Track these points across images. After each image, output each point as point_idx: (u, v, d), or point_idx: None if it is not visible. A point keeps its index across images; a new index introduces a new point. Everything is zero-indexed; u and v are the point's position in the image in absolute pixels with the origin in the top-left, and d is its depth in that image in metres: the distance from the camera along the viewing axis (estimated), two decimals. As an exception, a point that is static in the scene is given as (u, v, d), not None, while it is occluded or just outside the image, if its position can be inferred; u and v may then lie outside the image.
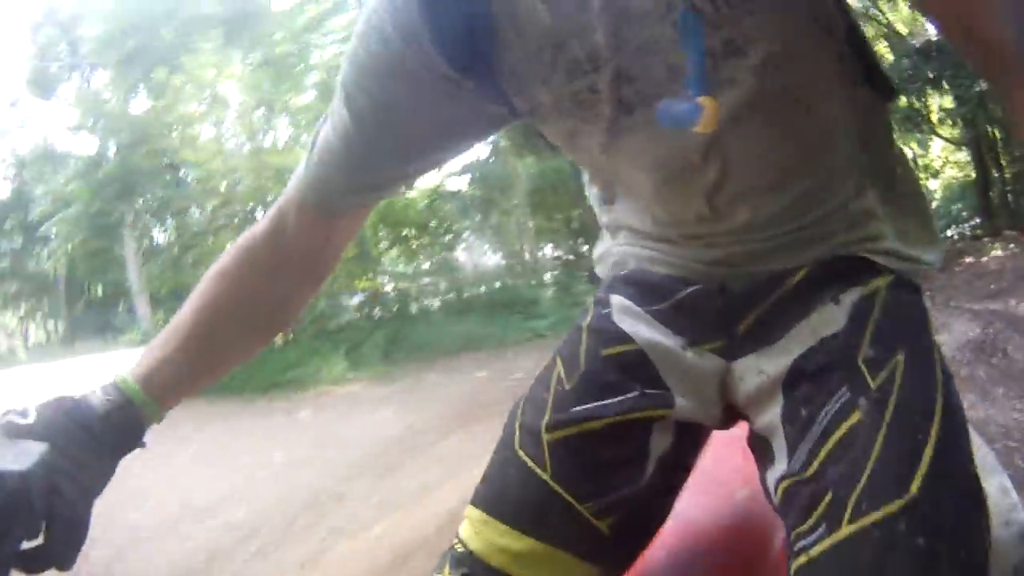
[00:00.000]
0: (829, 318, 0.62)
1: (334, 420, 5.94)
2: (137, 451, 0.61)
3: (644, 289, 0.71)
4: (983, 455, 0.74)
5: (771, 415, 0.63)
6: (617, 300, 0.72)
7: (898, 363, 0.57)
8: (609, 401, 0.65)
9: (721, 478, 0.87)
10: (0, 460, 0.47)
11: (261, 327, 0.73)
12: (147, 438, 0.63)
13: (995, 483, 0.68)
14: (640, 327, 0.69)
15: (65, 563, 0.50)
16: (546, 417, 0.66)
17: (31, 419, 0.53)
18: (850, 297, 0.62)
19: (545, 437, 0.65)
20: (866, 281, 0.63)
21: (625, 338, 0.69)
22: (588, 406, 0.65)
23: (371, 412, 5.93)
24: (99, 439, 0.56)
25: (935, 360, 0.59)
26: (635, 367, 0.67)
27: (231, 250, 0.70)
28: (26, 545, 0.47)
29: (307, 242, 0.69)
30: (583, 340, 0.71)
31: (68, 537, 0.50)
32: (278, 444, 5.21)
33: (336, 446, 4.88)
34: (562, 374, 0.69)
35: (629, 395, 0.65)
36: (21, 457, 0.48)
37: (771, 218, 0.64)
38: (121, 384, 0.61)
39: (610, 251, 0.79)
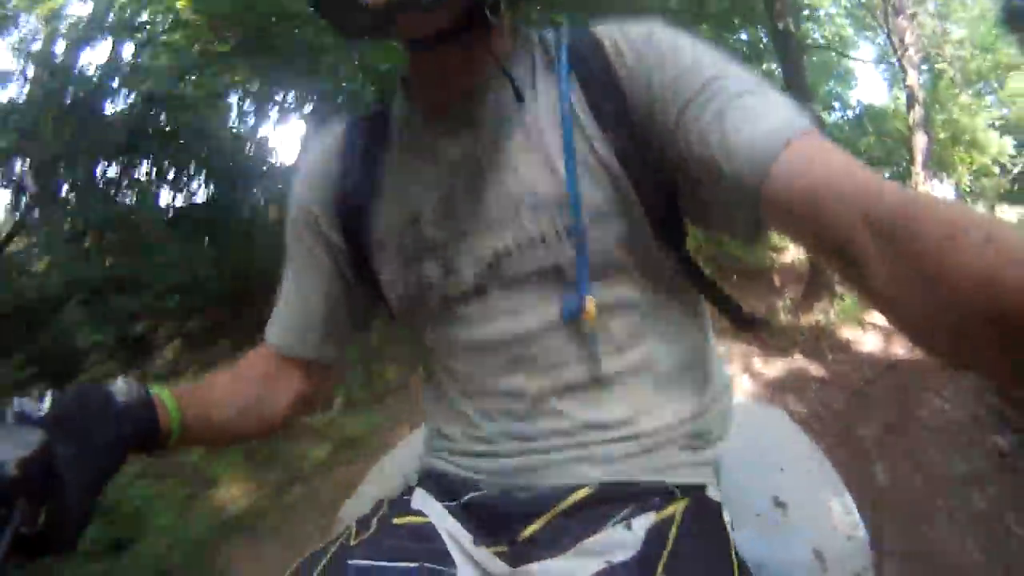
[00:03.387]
0: (621, 543, 0.62)
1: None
2: None
3: (442, 485, 0.72)
4: (829, 477, 0.85)
5: None
6: (419, 491, 0.74)
7: None
8: (389, 564, 0.63)
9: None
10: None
11: (242, 422, 0.75)
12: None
13: (839, 502, 0.79)
14: (435, 515, 0.70)
15: (64, 548, 0.49)
16: (320, 565, 0.63)
17: (46, 405, 0.53)
18: (643, 523, 0.62)
19: None
20: (660, 506, 0.63)
21: (420, 513, 0.70)
22: (364, 562, 0.63)
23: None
24: (113, 429, 0.56)
25: None
26: (425, 539, 0.67)
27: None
28: (25, 531, 0.46)
29: (258, 367, 0.76)
30: (381, 508, 0.72)
31: (67, 524, 0.49)
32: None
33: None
34: (351, 533, 0.68)
35: (411, 564, 0.63)
36: (19, 444, 0.47)
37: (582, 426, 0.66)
38: (154, 392, 0.63)
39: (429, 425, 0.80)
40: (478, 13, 0.58)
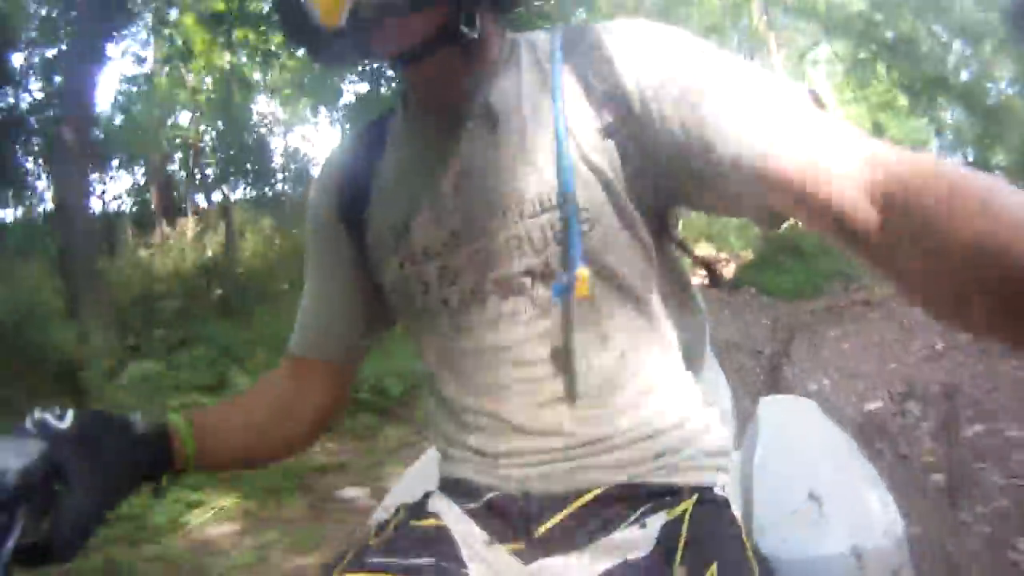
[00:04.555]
0: (635, 541, 0.63)
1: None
2: None
3: (459, 490, 0.73)
4: (867, 472, 0.83)
5: None
6: (436, 495, 0.75)
7: None
8: (402, 561, 0.65)
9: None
10: (0, 457, 0.48)
11: (263, 444, 0.77)
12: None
13: (876, 496, 0.78)
14: (451, 517, 0.71)
15: (63, 559, 0.51)
16: (342, 563, 0.66)
17: (67, 421, 0.54)
18: (657, 521, 0.64)
19: None
20: (671, 505, 0.64)
21: (436, 516, 0.71)
22: (379, 559, 0.65)
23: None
24: (128, 453, 0.57)
25: (749, 572, 0.60)
26: (438, 542, 0.68)
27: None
28: (26, 539, 0.48)
29: (280, 384, 0.78)
30: (399, 512, 0.74)
31: (69, 535, 0.51)
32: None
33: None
34: (371, 534, 0.71)
35: (423, 561, 0.66)
36: (21, 454, 0.49)
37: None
38: (169, 416, 0.65)
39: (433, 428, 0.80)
40: (452, 28, 0.59)
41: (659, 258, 0.66)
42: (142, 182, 9.66)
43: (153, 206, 8.99)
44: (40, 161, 6.83)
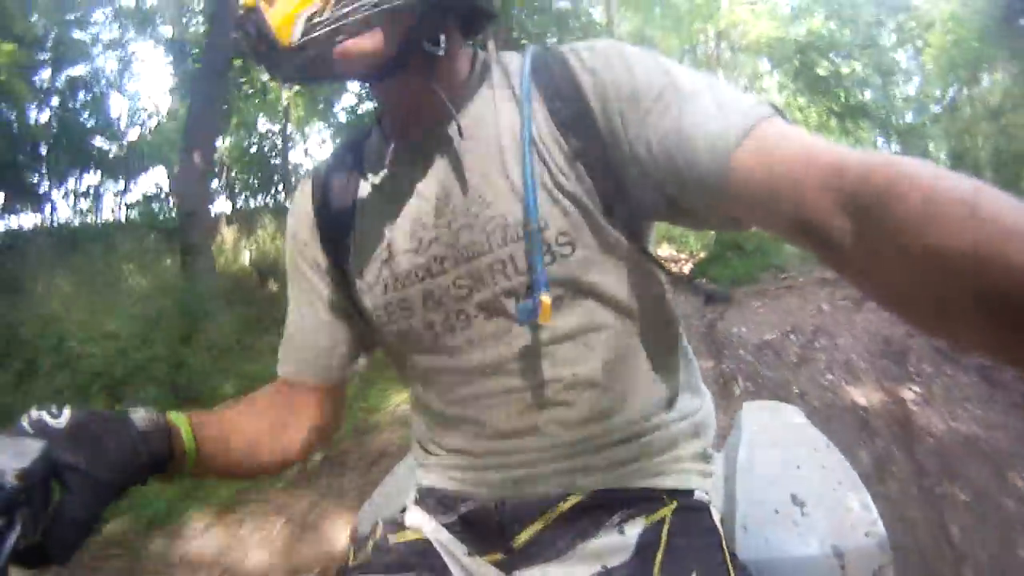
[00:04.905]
0: (614, 548, 0.64)
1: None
2: None
3: (435, 501, 0.74)
4: (848, 475, 0.85)
5: None
6: (414, 508, 0.75)
7: None
8: None
9: None
10: None
11: (256, 454, 0.74)
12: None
13: (857, 499, 0.79)
14: (430, 530, 0.72)
15: (61, 560, 0.50)
16: None
17: (63, 419, 0.53)
18: (635, 528, 0.65)
19: None
20: (650, 511, 0.65)
21: (416, 530, 0.72)
22: None
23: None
24: (127, 450, 0.56)
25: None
26: (421, 553, 0.69)
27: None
28: (25, 540, 0.47)
29: (271, 400, 0.76)
30: (376, 530, 0.74)
31: (67, 536, 0.50)
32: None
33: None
34: (350, 555, 0.71)
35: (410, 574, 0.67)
36: (20, 454, 0.48)
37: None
38: (169, 417, 0.63)
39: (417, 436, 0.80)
40: (416, 46, 0.59)
41: (638, 270, 0.67)
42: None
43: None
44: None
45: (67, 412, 0.54)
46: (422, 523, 0.72)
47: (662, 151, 0.55)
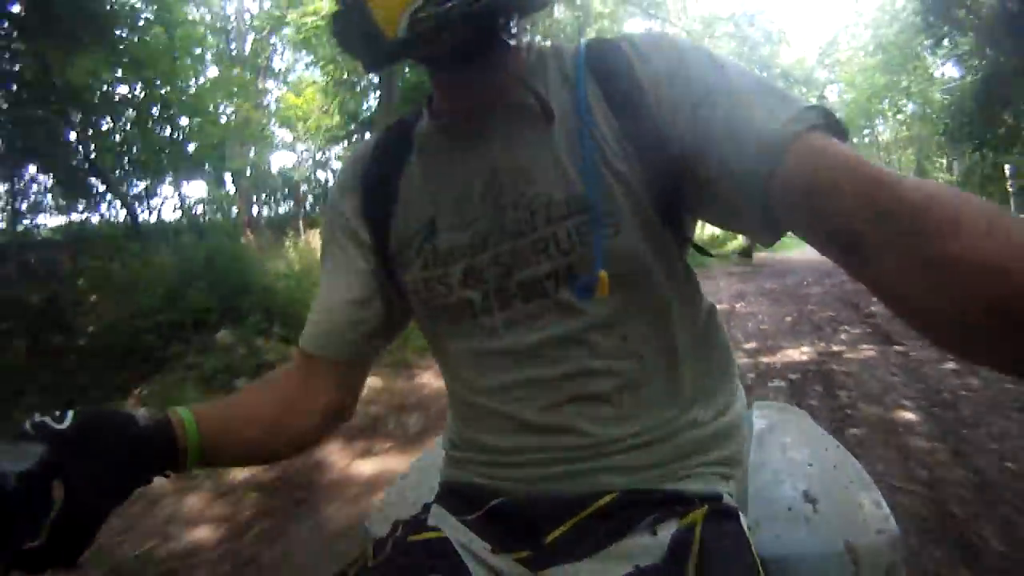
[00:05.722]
0: (646, 549, 0.63)
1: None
2: None
3: (460, 499, 0.73)
4: (858, 474, 0.85)
5: None
6: (435, 508, 0.75)
7: None
8: None
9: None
10: None
11: (270, 439, 0.74)
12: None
13: (869, 497, 0.79)
14: (450, 530, 0.71)
15: (66, 563, 0.49)
16: None
17: (66, 423, 0.53)
18: (667, 530, 0.63)
19: None
20: (682, 514, 0.64)
21: (436, 529, 0.71)
22: None
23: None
24: (129, 450, 0.56)
25: None
26: (440, 554, 0.68)
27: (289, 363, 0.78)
28: (27, 544, 0.47)
29: (288, 380, 0.76)
30: (397, 530, 0.72)
31: (70, 539, 0.49)
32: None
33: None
34: (369, 556, 0.70)
35: None
36: (20, 458, 0.48)
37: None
38: (172, 411, 0.63)
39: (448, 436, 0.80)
40: (495, 36, 0.61)
41: (679, 262, 0.67)
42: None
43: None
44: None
45: (70, 415, 0.54)
46: (442, 523, 0.71)
47: (708, 143, 0.56)
